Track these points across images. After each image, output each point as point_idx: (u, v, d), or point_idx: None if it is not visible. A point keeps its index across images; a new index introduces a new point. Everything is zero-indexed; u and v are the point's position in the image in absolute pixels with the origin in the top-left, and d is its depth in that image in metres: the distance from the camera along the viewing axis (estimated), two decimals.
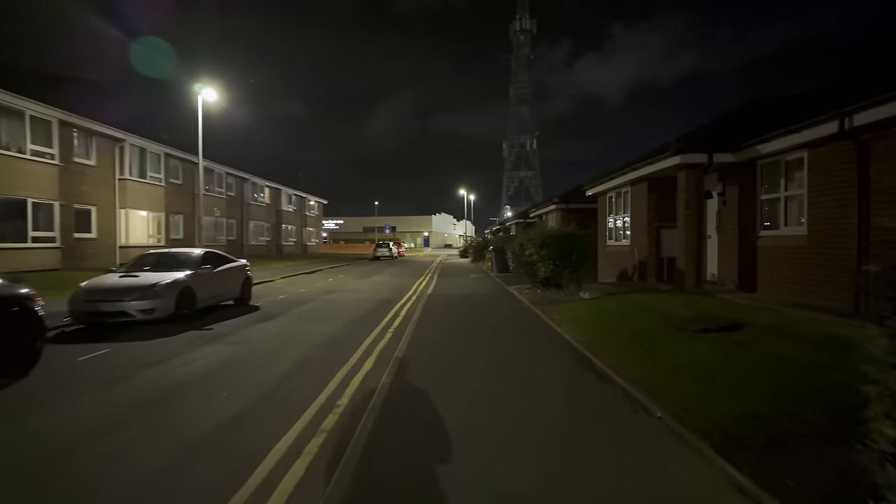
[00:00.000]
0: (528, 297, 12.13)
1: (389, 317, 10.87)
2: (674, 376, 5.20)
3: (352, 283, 19.34)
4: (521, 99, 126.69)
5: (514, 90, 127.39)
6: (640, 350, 6.34)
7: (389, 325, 9.84)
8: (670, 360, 5.75)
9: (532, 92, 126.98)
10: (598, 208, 16.13)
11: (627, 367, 5.68)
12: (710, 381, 4.95)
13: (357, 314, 11.32)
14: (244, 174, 36.41)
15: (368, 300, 14.00)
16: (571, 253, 11.21)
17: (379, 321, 10.25)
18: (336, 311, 11.92)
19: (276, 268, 26.55)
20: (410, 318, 10.25)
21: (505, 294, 13.87)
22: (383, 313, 11.37)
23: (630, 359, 6.02)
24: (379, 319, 10.46)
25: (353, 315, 11.15)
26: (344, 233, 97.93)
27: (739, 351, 5.76)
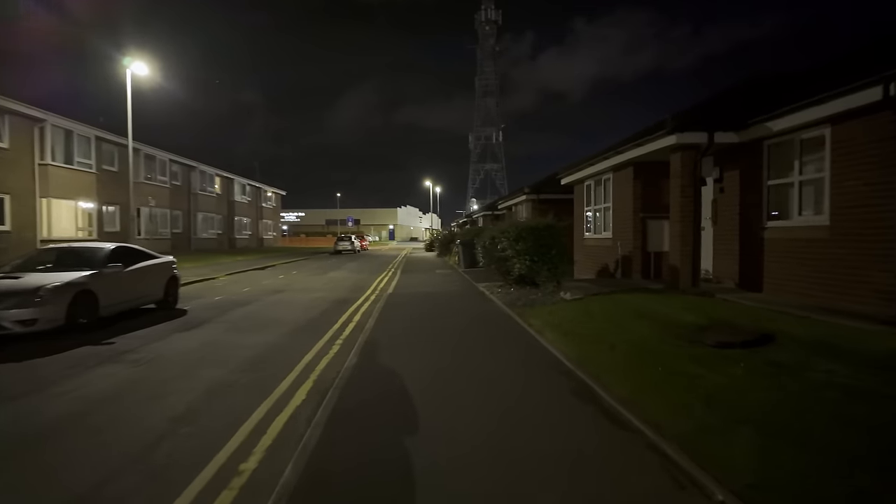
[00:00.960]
0: (501, 296, 10.67)
1: (341, 322, 9.21)
2: (712, 418, 3.77)
3: (305, 281, 17.50)
4: (487, 90, 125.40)
5: (479, 81, 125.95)
6: (652, 373, 4.92)
7: (339, 333, 8.20)
8: (697, 390, 4.33)
9: (498, 83, 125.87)
10: (574, 198, 14.82)
11: (642, 402, 4.24)
12: (766, 429, 3.54)
13: (303, 319, 9.61)
14: (191, 162, 33.70)
15: (320, 301, 12.28)
16: (551, 247, 9.80)
17: (327, 328, 8.59)
18: (279, 315, 10.18)
19: (224, 263, 24.35)
20: (364, 324, 8.63)
21: (474, 293, 12.39)
22: (334, 318, 9.70)
23: (642, 387, 4.58)
24: (328, 326, 8.80)
25: (298, 321, 9.44)
26: (305, 226, 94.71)
27: (786, 378, 4.40)
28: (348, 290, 14.55)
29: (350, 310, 10.78)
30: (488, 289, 12.53)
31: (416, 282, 16.13)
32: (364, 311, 10.47)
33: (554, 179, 20.64)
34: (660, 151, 9.40)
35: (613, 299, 8.70)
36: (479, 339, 7.19)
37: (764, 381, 4.38)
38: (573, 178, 14.14)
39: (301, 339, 7.75)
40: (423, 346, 6.88)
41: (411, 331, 7.95)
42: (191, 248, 33.95)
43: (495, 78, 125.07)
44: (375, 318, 9.07)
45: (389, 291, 13.53)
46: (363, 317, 9.77)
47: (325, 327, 8.73)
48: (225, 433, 4.08)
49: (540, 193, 19.59)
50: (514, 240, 10.12)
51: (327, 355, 6.73)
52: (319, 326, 8.85)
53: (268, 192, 50.24)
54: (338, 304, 11.64)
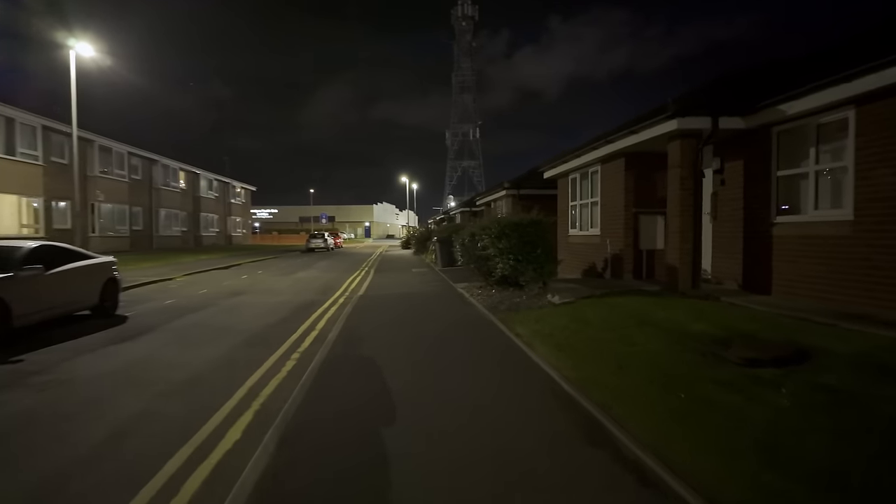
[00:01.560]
0: (482, 299, 9.70)
1: (301, 331, 8.11)
2: (782, 481, 2.82)
3: (270, 282, 16.24)
4: (464, 87, 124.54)
5: (456, 78, 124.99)
6: (676, 404, 3.97)
7: (297, 345, 7.12)
8: (741, 430, 3.40)
9: (475, 80, 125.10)
10: (558, 193, 13.92)
11: (675, 449, 3.27)
12: None
13: (259, 327, 8.47)
14: (153, 155, 31.85)
15: (282, 305, 11.12)
16: (536, 246, 8.86)
17: (284, 339, 7.49)
18: (232, 322, 9.01)
19: (185, 263, 22.82)
20: (327, 334, 7.55)
21: (452, 295, 11.39)
22: (294, 325, 8.58)
23: (668, 426, 3.63)
24: (285, 336, 7.69)
25: (253, 329, 8.30)
26: (278, 223, 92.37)
27: (850, 412, 3.49)
28: (316, 292, 13.40)
29: (314, 315, 9.67)
30: (467, 290, 11.54)
31: (390, 282, 15.05)
32: (329, 318, 9.37)
33: (535, 174, 19.78)
34: (657, 140, 8.53)
35: (608, 303, 7.79)
36: (459, 355, 6.17)
37: (822, 416, 3.47)
38: (557, 172, 13.24)
39: (251, 354, 6.64)
40: (395, 363, 5.83)
41: (381, 342, 6.89)
42: (153, 246, 32.14)
43: (472, 74, 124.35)
44: (340, 327, 7.98)
45: (360, 293, 12.43)
46: (327, 324, 8.67)
47: (281, 338, 7.62)
48: (124, 492, 2.99)
49: (521, 188, 18.68)
50: (496, 237, 9.15)
51: (278, 375, 5.65)
52: (276, 337, 7.73)
53: (237, 188, 48.34)
54: (301, 309, 10.50)
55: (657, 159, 9.40)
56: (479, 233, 10.09)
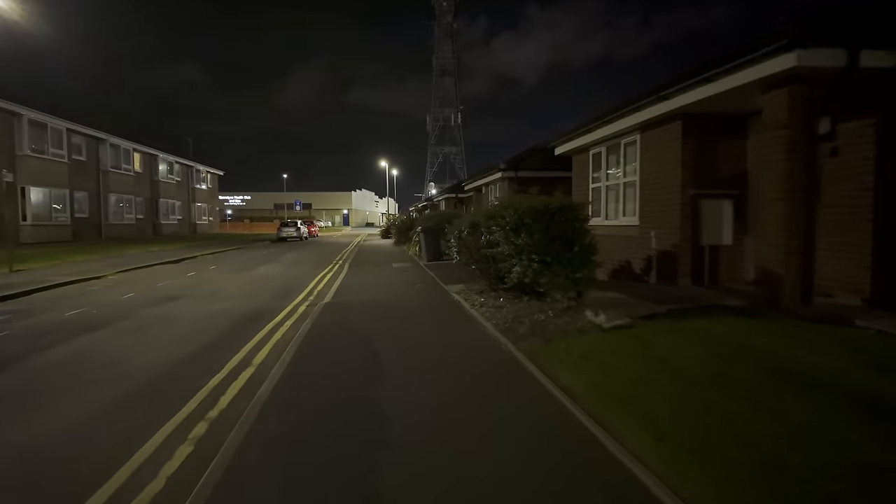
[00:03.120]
0: (489, 313, 7.07)
1: (229, 369, 5.35)
2: None
3: (219, 281, 13.34)
4: (444, 70, 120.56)
5: (436, 60, 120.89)
6: None
7: (213, 401, 4.39)
8: None
9: (456, 63, 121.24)
10: (573, 173, 11.28)
11: None
12: None
13: (168, 362, 5.70)
14: (99, 133, 28.24)
15: (219, 318, 8.34)
16: (571, 243, 6.20)
17: (198, 387, 4.74)
18: (129, 354, 6.20)
19: (129, 256, 19.66)
20: (263, 378, 4.82)
21: (445, 305, 8.73)
22: (223, 357, 5.83)
23: None
24: (201, 381, 4.93)
25: (158, 366, 5.52)
26: (252, 210, 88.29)
27: None
28: (271, 297, 10.60)
29: (257, 337, 6.91)
30: (464, 296, 8.88)
31: (365, 282, 12.29)
32: (277, 342, 6.61)
33: (535, 153, 17.13)
34: (744, 90, 5.93)
35: (689, 330, 5.21)
36: (475, 436, 3.51)
37: None
38: (573, 146, 10.60)
39: (133, 421, 3.91)
40: (356, 460, 3.13)
41: (340, 406, 4.19)
42: (102, 235, 28.70)
43: (453, 57, 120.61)
44: (286, 365, 5.27)
45: (327, 300, 9.68)
46: (271, 355, 5.93)
47: (195, 384, 4.87)
48: None
49: (519, 170, 16.03)
50: (511, 229, 6.45)
51: (154, 481, 2.93)
52: (187, 381, 4.99)
53: (202, 172, 44.67)
54: (244, 325, 7.74)
55: (725, 122, 6.86)
56: (483, 223, 7.37)
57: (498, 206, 6.92)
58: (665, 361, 4.48)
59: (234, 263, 18.28)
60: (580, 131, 9.92)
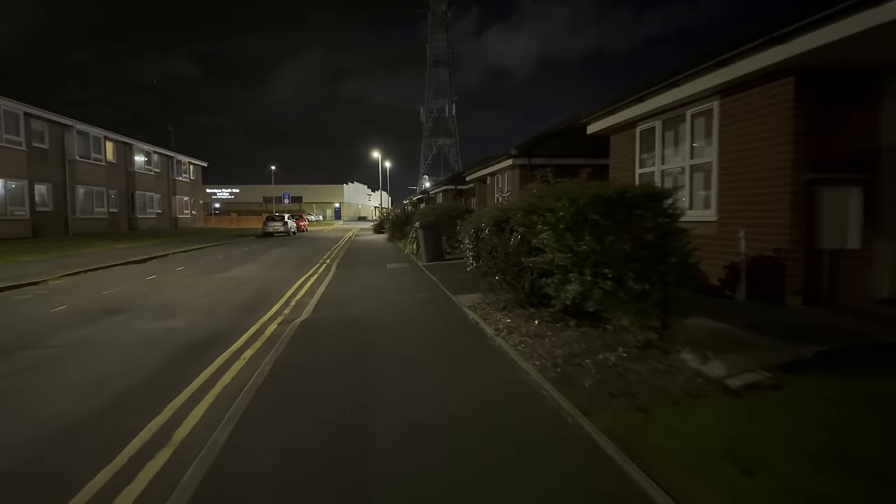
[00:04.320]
0: (527, 347, 5.02)
1: (127, 457, 3.22)
2: None
3: (183, 286, 11.17)
4: (438, 60, 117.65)
5: (430, 50, 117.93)
6: None
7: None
8: None
9: (450, 52, 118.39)
10: (610, 158, 9.13)
11: None
12: None
13: (43, 435, 3.57)
14: (64, 119, 25.78)
15: (164, 342, 6.31)
16: (661, 250, 4.07)
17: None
18: (6, 408, 4.10)
19: (90, 254, 17.37)
20: (175, 481, 2.73)
21: (460, 327, 6.65)
22: (133, 424, 3.71)
23: None
24: (69, 484, 2.83)
25: (17, 448, 3.39)
26: (240, 203, 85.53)
27: None
28: (237, 310, 8.49)
29: (193, 386, 4.81)
30: (482, 312, 6.81)
31: (354, 289, 10.17)
32: (218, 398, 4.51)
33: (550, 137, 15.02)
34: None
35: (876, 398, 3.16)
36: None
37: None
38: (613, 122, 8.50)
39: None
40: None
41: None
42: (69, 231, 26.31)
43: (447, 46, 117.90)
44: (214, 457, 3.16)
45: (303, 316, 7.57)
46: (201, 426, 3.83)
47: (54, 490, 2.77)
48: None
49: (532, 156, 13.91)
50: (568, 228, 4.29)
51: None
52: (45, 481, 2.88)
53: (184, 163, 42.16)
54: (185, 360, 5.66)
55: (854, 80, 4.82)
56: (518, 219, 5.20)
57: (542, 195, 4.81)
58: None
59: (207, 264, 16.07)
60: (625, 102, 7.81)
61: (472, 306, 7.46)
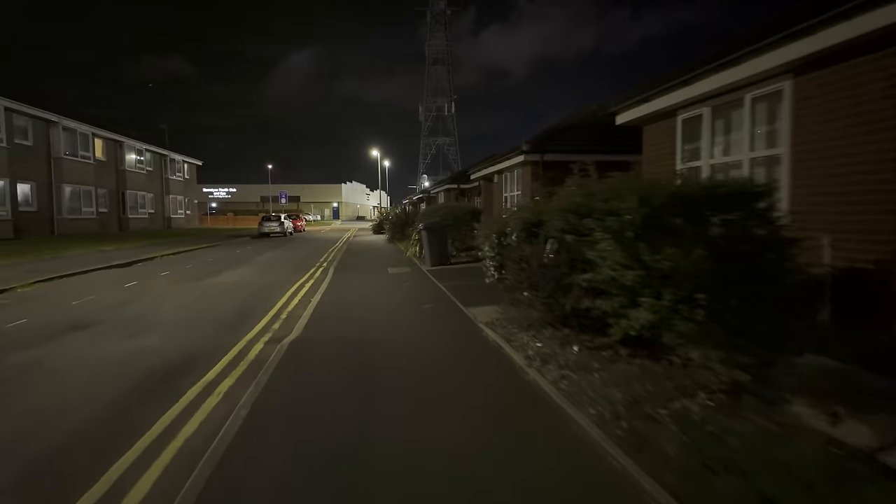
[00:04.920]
0: (571, 384, 4.00)
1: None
2: None
3: (163, 294, 10.09)
4: (437, 58, 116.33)
5: (429, 48, 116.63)
6: None
7: None
8: None
9: (449, 50, 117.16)
10: (645, 151, 8.01)
11: None
12: None
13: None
14: (49, 115, 24.64)
15: (127, 367, 5.29)
16: (765, 271, 2.92)
17: None
18: None
19: (70, 257, 16.27)
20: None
21: (480, 352, 5.60)
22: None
23: None
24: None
25: None
26: (238, 203, 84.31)
27: None
28: (219, 325, 7.42)
29: (153, 431, 3.74)
30: (504, 332, 5.78)
31: (352, 299, 9.11)
32: (184, 446, 3.45)
33: (564, 132, 13.95)
34: None
35: None
36: None
37: None
38: (649, 111, 7.41)
39: None
40: None
41: None
42: (55, 232, 25.19)
43: (446, 44, 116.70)
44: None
45: (294, 335, 6.50)
46: (158, 486, 2.78)
47: None
48: None
49: (545, 152, 12.86)
50: (639, 237, 3.18)
51: None
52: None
53: (178, 162, 41.01)
54: (150, 392, 4.63)
55: None
56: (557, 223, 4.06)
57: (589, 192, 3.74)
58: None
59: (196, 268, 14.99)
60: (666, 87, 6.75)
61: (489, 323, 6.41)
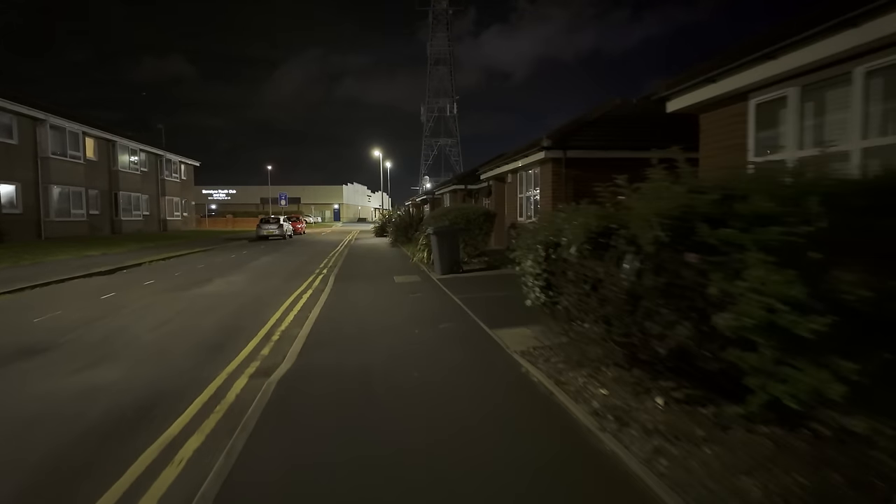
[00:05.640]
0: (674, 465, 2.84)
1: None
2: None
3: (141, 308, 8.88)
4: (439, 59, 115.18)
5: (431, 48, 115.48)
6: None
7: None
8: None
9: (451, 50, 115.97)
10: (702, 145, 6.74)
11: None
12: None
13: None
14: (35, 112, 23.45)
15: (66, 417, 4.02)
16: None
17: None
18: None
19: (51, 263, 15.05)
20: None
21: (525, 399, 4.38)
22: None
23: None
24: None
25: None
26: (237, 205, 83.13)
27: None
28: (198, 349, 6.20)
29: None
30: (546, 365, 4.60)
31: (357, 315, 7.88)
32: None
33: (587, 126, 12.73)
34: None
35: None
36: None
37: None
38: (713, 95, 6.09)
39: None
40: None
41: None
42: (42, 235, 24.00)
43: (448, 44, 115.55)
44: None
45: (285, 368, 5.27)
46: None
47: None
48: None
49: (568, 148, 11.62)
50: (830, 262, 2.03)
51: None
52: None
53: (174, 162, 39.82)
54: (89, 457, 3.37)
55: None
56: (652, 233, 2.89)
57: (725, 185, 2.54)
58: None
59: (185, 275, 13.77)
60: (739, 63, 5.51)
61: (527, 353, 5.19)
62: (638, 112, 13.06)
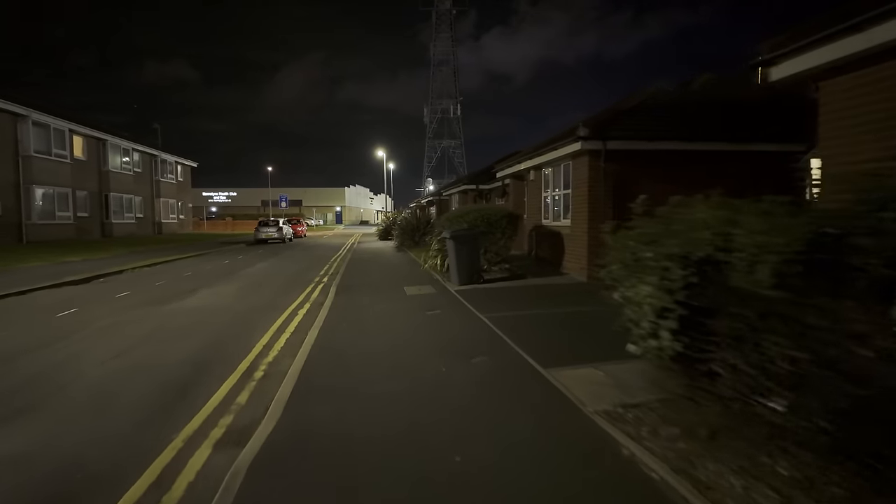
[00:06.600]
0: None
1: None
2: None
3: (103, 329, 7.25)
4: (442, 59, 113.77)
5: (434, 49, 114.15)
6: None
7: None
8: None
9: (455, 50, 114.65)
10: (820, 134, 5.10)
11: None
12: None
13: None
14: (17, 108, 21.91)
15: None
16: None
17: None
18: None
19: (18, 271, 13.45)
20: None
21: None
22: None
23: None
24: None
25: None
26: (238, 207, 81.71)
27: None
28: (155, 395, 4.56)
29: None
30: (654, 443, 2.98)
31: (364, 342, 6.22)
32: None
33: (626, 115, 11.06)
34: None
35: None
36: None
37: None
38: (851, 52, 4.47)
39: None
40: None
41: None
42: (24, 238, 22.44)
43: (452, 44, 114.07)
44: None
45: (265, 435, 3.62)
46: None
47: None
48: None
49: (608, 138, 9.95)
50: None
51: None
52: None
53: (170, 163, 38.27)
54: None
55: None
56: None
57: None
58: None
59: (166, 285, 12.15)
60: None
61: (614, 415, 3.55)
62: (696, 97, 11.40)
